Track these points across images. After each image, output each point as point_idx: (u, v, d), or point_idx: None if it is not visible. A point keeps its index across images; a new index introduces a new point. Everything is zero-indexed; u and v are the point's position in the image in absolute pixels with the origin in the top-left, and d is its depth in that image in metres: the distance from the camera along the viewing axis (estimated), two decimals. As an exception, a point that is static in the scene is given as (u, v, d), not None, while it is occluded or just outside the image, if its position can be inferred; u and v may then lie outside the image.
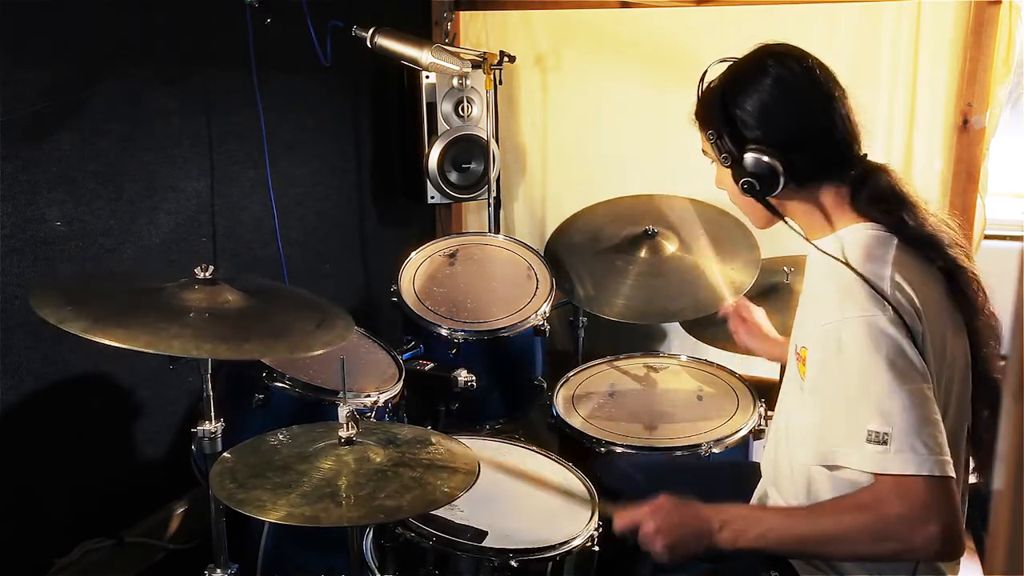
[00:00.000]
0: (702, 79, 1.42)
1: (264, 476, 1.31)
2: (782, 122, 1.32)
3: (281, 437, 1.45)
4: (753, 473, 1.61)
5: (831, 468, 1.27)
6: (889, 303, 1.20)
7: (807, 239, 1.36)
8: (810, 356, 1.28)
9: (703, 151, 1.44)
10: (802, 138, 1.32)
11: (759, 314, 1.85)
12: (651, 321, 2.86)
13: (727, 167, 1.36)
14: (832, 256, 1.28)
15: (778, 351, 1.78)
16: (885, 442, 1.17)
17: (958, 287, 1.32)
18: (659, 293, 2.42)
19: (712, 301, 2.36)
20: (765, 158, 1.31)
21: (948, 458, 1.17)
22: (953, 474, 1.17)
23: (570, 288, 2.51)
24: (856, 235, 1.32)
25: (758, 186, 1.32)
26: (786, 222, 1.39)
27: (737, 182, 1.35)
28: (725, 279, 2.10)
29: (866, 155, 1.37)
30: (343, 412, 1.37)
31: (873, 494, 1.21)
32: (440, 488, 1.30)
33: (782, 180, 1.31)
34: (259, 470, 1.33)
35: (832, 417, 1.24)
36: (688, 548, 1.31)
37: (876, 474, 1.19)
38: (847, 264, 1.25)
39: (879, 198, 1.33)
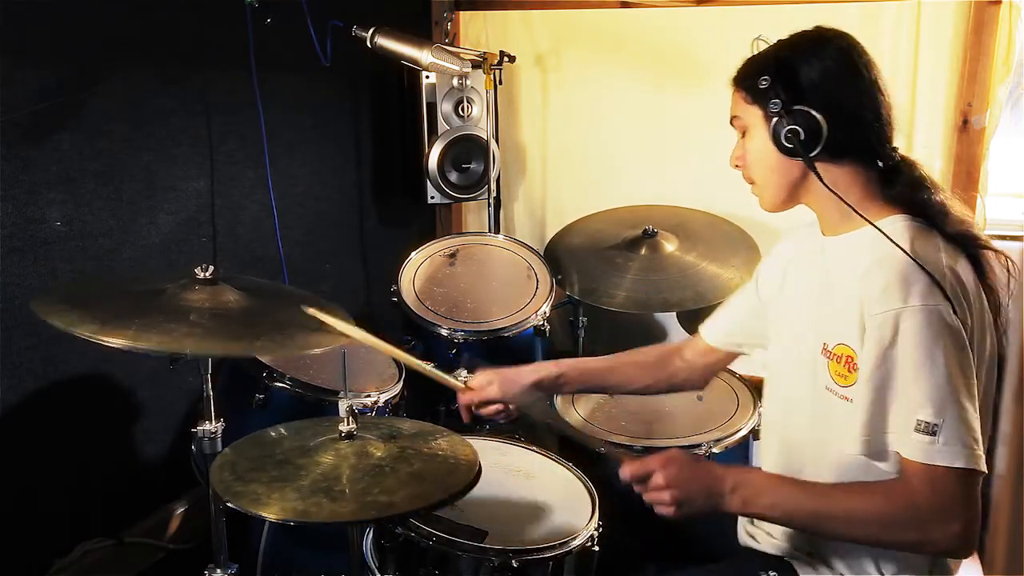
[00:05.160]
0: (755, 41, 1.41)
1: (263, 470, 1.31)
2: (836, 88, 1.31)
3: (283, 431, 1.45)
4: None
5: (872, 457, 1.25)
6: (947, 294, 1.19)
7: (871, 225, 1.30)
8: (858, 353, 1.25)
9: (732, 118, 1.41)
10: (849, 110, 1.31)
11: (500, 381, 1.66)
12: (652, 311, 2.86)
13: (774, 114, 1.31)
14: (892, 240, 1.25)
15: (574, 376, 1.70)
16: (934, 433, 1.16)
17: (986, 277, 1.31)
18: (659, 286, 2.43)
19: (713, 292, 2.37)
20: (815, 113, 1.29)
21: (983, 453, 1.17)
22: (986, 470, 1.16)
23: (571, 283, 2.52)
24: (900, 226, 1.29)
25: (802, 134, 1.29)
26: (824, 186, 1.33)
27: (778, 136, 1.31)
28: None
29: (897, 148, 1.37)
30: (343, 406, 1.37)
31: (905, 482, 1.20)
32: (437, 485, 1.29)
33: (823, 142, 1.29)
34: (259, 464, 1.33)
35: (883, 404, 1.22)
36: (696, 505, 1.28)
37: (917, 463, 1.18)
38: (907, 252, 1.23)
39: (916, 187, 1.33)
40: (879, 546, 1.29)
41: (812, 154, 1.30)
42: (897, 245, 1.24)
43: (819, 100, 1.30)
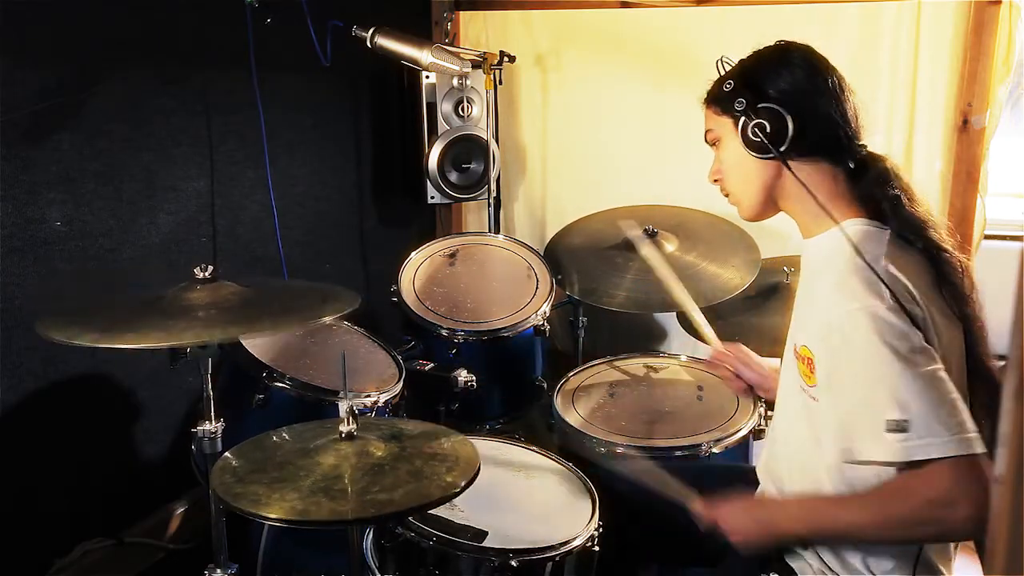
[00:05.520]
0: (719, 62, 1.45)
1: (263, 471, 1.31)
2: (800, 89, 1.35)
3: (285, 435, 1.45)
4: (749, 478, 1.61)
5: (853, 463, 1.27)
6: (888, 289, 1.22)
7: (834, 221, 1.35)
8: (816, 356, 1.28)
9: (706, 133, 1.46)
10: (815, 110, 1.34)
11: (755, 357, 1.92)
12: (652, 311, 2.86)
13: (740, 113, 1.36)
14: (849, 238, 1.29)
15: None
16: (905, 429, 1.17)
17: (943, 274, 1.33)
18: (659, 286, 2.43)
19: (713, 292, 2.37)
20: (779, 108, 1.33)
21: (972, 434, 1.17)
22: (981, 449, 1.16)
23: (571, 283, 2.52)
24: (853, 229, 1.34)
25: (768, 128, 1.33)
26: (796, 180, 1.37)
27: (746, 134, 1.36)
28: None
29: (866, 145, 1.40)
30: (343, 406, 1.37)
31: (902, 482, 1.21)
32: (436, 484, 1.29)
33: (789, 136, 1.33)
34: (260, 466, 1.33)
35: (850, 412, 1.24)
36: (759, 543, 1.37)
37: (903, 464, 1.19)
38: (855, 249, 1.26)
39: (878, 181, 1.36)
40: (908, 544, 1.31)
41: (781, 149, 1.34)
42: (853, 246, 1.28)
43: (783, 99, 1.34)
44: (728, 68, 1.44)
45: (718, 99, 1.42)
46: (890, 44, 2.65)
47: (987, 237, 2.68)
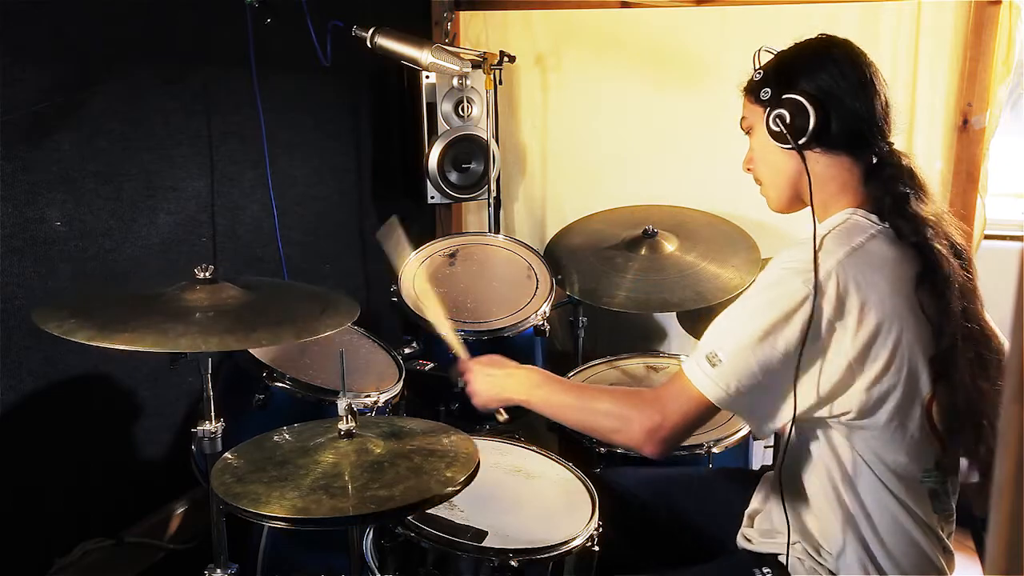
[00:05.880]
0: (757, 53, 1.48)
1: (263, 471, 1.31)
2: (832, 88, 1.36)
3: (287, 435, 1.45)
4: (750, 481, 1.61)
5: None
6: (815, 278, 1.25)
7: (811, 211, 1.38)
8: None
9: (741, 120, 1.48)
10: (845, 109, 1.36)
11: None
12: (652, 311, 2.86)
13: (763, 101, 1.38)
14: (816, 233, 1.34)
15: None
16: (714, 365, 1.29)
17: (925, 274, 1.31)
18: (660, 286, 2.44)
19: (713, 292, 2.38)
20: (804, 101, 1.34)
21: (739, 408, 1.31)
22: (721, 408, 1.30)
23: (571, 283, 2.52)
24: (841, 216, 1.37)
25: (788, 119, 1.35)
26: (806, 166, 1.38)
27: (767, 123, 1.38)
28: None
29: (892, 142, 1.42)
30: (342, 404, 1.37)
31: (663, 392, 1.36)
32: (436, 479, 1.29)
33: (811, 126, 1.34)
34: (260, 465, 1.33)
35: (710, 327, 1.34)
36: (492, 403, 1.62)
37: (686, 379, 1.31)
38: (814, 244, 1.31)
39: (891, 178, 1.37)
40: (587, 432, 1.57)
41: (801, 141, 1.36)
42: (814, 241, 1.31)
43: (812, 93, 1.35)
44: (767, 59, 1.45)
45: (751, 88, 1.44)
46: (890, 44, 2.65)
47: (987, 237, 2.68)
